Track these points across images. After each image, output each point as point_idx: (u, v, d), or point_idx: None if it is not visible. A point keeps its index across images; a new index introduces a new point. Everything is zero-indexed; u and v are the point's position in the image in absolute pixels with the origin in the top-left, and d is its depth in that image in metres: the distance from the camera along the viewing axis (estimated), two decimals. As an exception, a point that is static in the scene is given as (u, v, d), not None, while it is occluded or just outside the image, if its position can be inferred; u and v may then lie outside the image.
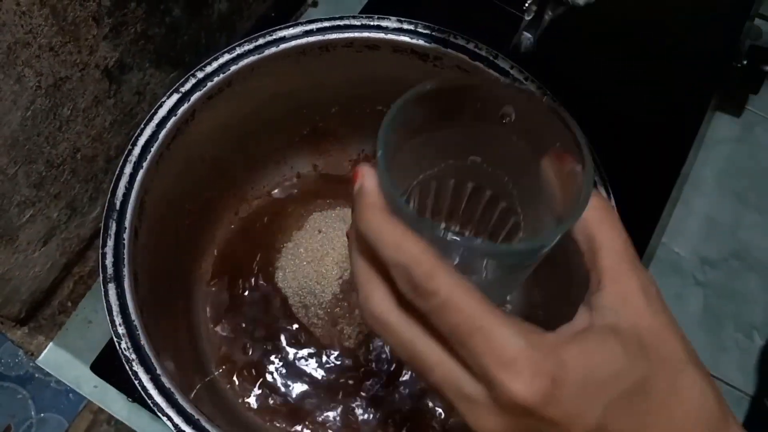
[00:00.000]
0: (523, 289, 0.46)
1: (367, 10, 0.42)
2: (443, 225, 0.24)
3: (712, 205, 0.54)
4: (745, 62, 0.53)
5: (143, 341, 0.32)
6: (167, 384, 0.31)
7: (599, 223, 0.24)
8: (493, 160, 0.27)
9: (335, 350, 0.45)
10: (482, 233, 0.29)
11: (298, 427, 0.43)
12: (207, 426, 0.31)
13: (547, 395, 0.20)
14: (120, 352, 0.32)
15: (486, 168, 0.27)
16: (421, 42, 0.39)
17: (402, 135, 0.24)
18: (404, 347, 0.22)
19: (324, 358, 0.45)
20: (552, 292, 0.41)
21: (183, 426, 0.30)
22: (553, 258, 0.25)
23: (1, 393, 1.02)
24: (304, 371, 0.45)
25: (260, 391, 0.44)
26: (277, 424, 0.43)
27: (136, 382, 0.31)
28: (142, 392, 0.31)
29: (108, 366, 0.44)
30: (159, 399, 0.31)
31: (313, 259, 0.47)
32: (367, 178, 0.23)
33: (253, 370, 0.45)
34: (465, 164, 0.27)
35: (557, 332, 0.22)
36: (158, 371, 0.32)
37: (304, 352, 0.45)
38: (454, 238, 0.21)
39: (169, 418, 0.31)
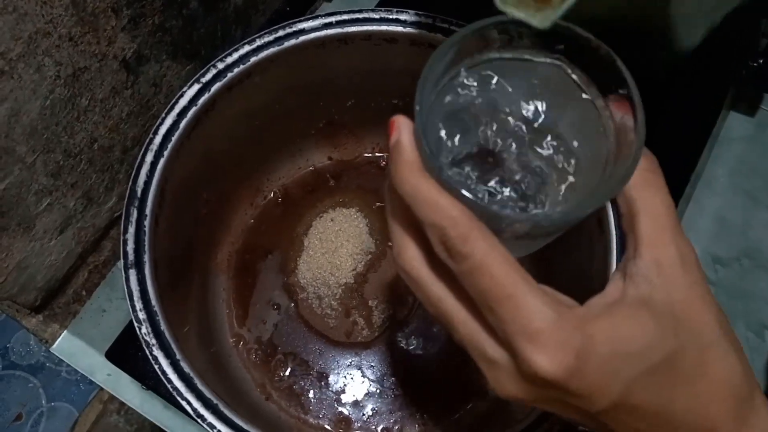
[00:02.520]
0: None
1: (383, 4, 0.42)
2: (482, 187, 0.23)
3: (724, 204, 0.54)
4: (760, 61, 0.53)
5: (163, 327, 0.33)
6: (186, 369, 0.32)
7: (643, 185, 0.23)
8: (547, 105, 0.24)
9: (348, 341, 0.45)
10: (522, 191, 0.26)
11: (310, 419, 0.44)
12: (225, 411, 0.31)
13: (570, 369, 0.20)
14: (141, 337, 0.32)
15: (534, 121, 0.25)
16: (438, 35, 0.39)
17: (446, 87, 0.23)
18: (432, 303, 0.23)
19: (337, 350, 0.46)
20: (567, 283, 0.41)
21: (202, 410, 0.31)
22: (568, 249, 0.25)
23: (13, 382, 1.02)
24: (317, 362, 0.45)
25: (273, 379, 0.45)
26: (291, 411, 0.43)
27: (156, 366, 0.32)
28: (162, 377, 0.31)
29: (122, 354, 0.45)
30: (179, 384, 0.31)
31: (327, 250, 0.47)
32: (404, 133, 0.22)
33: (268, 359, 0.45)
34: (514, 116, 0.24)
35: (588, 305, 0.22)
36: (178, 356, 0.32)
37: (318, 343, 0.46)
38: (481, 204, 0.21)
39: (189, 403, 0.31)
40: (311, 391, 0.44)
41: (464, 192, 0.20)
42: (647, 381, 0.21)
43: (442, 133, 0.23)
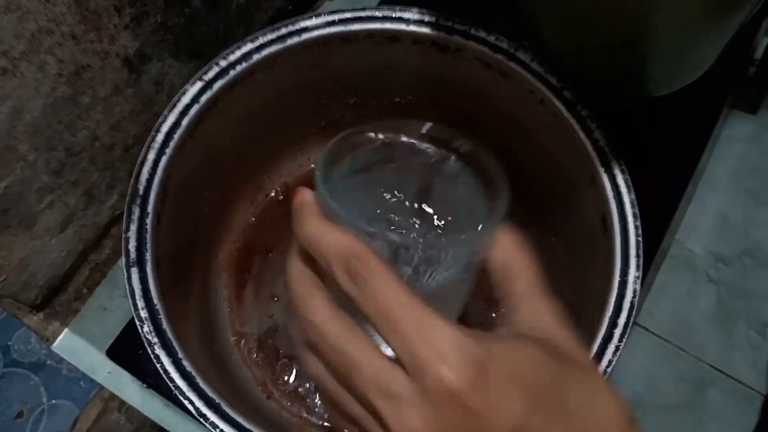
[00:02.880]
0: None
1: (386, 2, 0.42)
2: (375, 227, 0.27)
3: (725, 203, 0.54)
4: (762, 60, 0.53)
5: (165, 325, 0.33)
6: (188, 368, 0.32)
7: (514, 254, 0.27)
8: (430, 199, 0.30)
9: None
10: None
11: (314, 418, 0.44)
12: (227, 410, 0.31)
13: (474, 381, 0.21)
14: (142, 335, 0.32)
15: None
16: (442, 34, 0.39)
17: (340, 169, 0.28)
18: (335, 348, 0.23)
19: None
20: (570, 283, 0.41)
21: (204, 409, 0.31)
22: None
23: (14, 379, 1.03)
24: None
25: (275, 379, 0.45)
26: (294, 411, 0.43)
27: (158, 365, 0.32)
28: (164, 375, 0.31)
29: (123, 352, 0.45)
30: (180, 382, 0.31)
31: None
32: (306, 194, 0.26)
33: (269, 358, 0.45)
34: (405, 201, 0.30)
35: (481, 333, 0.23)
36: (180, 355, 0.32)
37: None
38: (373, 230, 0.23)
39: (191, 402, 0.31)
40: (316, 392, 0.44)
41: (366, 227, 0.23)
42: (544, 405, 0.22)
43: (339, 196, 0.27)
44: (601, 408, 0.24)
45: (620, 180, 0.37)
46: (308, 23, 0.39)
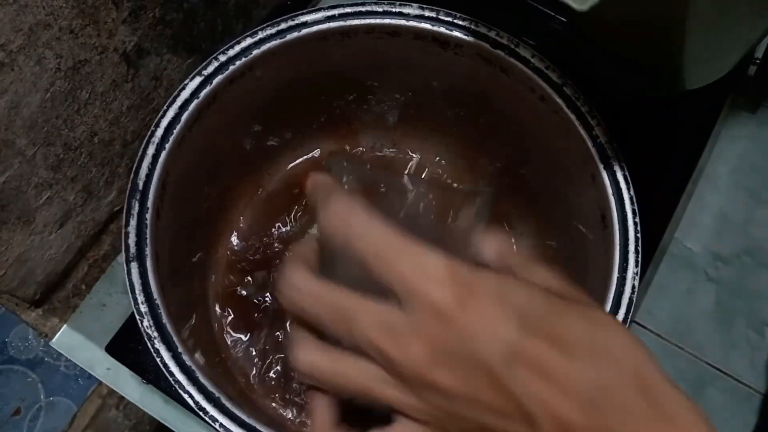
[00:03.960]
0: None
1: (386, -3, 0.42)
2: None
3: (725, 202, 0.54)
4: (762, 59, 0.53)
5: (165, 320, 0.32)
6: (188, 362, 0.32)
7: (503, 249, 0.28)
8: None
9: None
10: None
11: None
12: (227, 404, 0.31)
13: (463, 299, 0.22)
14: (142, 330, 0.32)
15: None
16: (442, 29, 0.39)
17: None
18: (332, 304, 0.25)
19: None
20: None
21: (204, 403, 0.31)
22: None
23: (11, 376, 1.02)
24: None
25: (271, 379, 0.45)
26: (295, 413, 0.43)
27: (158, 359, 0.32)
28: (164, 369, 0.31)
29: (122, 348, 0.45)
30: (180, 377, 0.31)
31: (328, 246, 0.47)
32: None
33: (266, 357, 0.45)
34: None
35: (480, 264, 0.25)
36: (179, 349, 0.32)
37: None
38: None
39: (190, 395, 0.31)
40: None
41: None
42: (540, 330, 0.22)
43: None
44: (612, 341, 0.22)
45: (620, 176, 0.37)
46: (308, 18, 0.39)
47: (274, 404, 0.43)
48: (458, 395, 0.22)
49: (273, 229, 0.49)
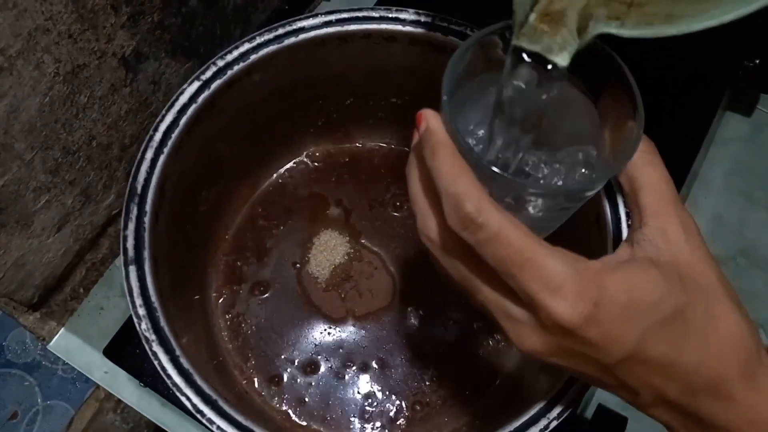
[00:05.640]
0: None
1: (383, 2, 0.42)
2: (500, 165, 0.26)
3: (720, 204, 0.54)
4: (756, 61, 0.53)
5: (162, 323, 0.33)
6: (186, 365, 0.32)
7: (643, 164, 0.25)
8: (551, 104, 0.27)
9: (346, 328, 0.46)
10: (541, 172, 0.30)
11: (301, 420, 0.44)
12: (224, 407, 0.31)
13: (588, 317, 0.22)
14: (140, 333, 0.32)
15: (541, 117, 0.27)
16: (438, 34, 0.39)
17: (465, 79, 0.26)
18: (455, 270, 0.24)
19: (336, 341, 0.46)
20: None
21: (201, 406, 0.31)
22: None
23: (9, 380, 1.02)
24: (317, 360, 0.45)
25: (269, 381, 0.45)
26: (291, 416, 0.43)
27: (155, 362, 0.32)
28: (162, 372, 0.31)
29: (120, 351, 0.45)
30: (178, 379, 0.31)
31: (325, 248, 0.48)
32: (432, 120, 0.24)
33: (265, 359, 0.45)
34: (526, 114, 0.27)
35: (601, 260, 0.24)
36: (177, 352, 0.32)
37: (318, 337, 0.46)
38: (505, 175, 0.23)
39: (188, 398, 0.31)
40: (306, 394, 0.44)
41: (494, 168, 0.23)
42: (660, 332, 0.22)
43: (470, 121, 0.26)
44: (727, 333, 0.23)
45: (613, 178, 0.37)
46: (305, 23, 0.39)
47: (272, 407, 0.43)
48: (566, 368, 0.24)
49: (272, 231, 0.49)
